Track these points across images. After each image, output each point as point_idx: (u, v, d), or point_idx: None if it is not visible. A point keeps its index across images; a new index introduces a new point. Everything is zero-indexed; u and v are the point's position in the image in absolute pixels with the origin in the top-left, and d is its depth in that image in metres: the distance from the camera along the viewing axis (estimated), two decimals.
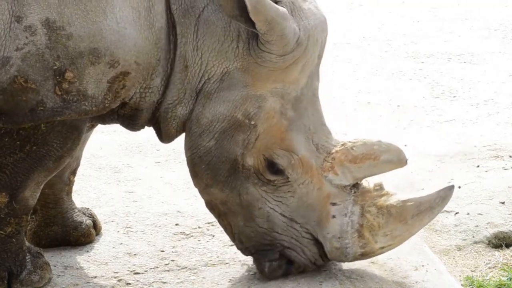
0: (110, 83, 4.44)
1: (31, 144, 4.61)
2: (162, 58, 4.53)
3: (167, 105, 4.62)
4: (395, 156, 4.75)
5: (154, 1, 4.46)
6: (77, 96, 4.41)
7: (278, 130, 4.65)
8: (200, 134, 4.63)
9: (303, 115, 4.70)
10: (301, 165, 4.69)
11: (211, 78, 4.59)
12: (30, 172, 4.67)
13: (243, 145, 4.63)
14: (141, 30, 4.43)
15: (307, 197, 4.72)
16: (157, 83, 4.57)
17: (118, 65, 4.40)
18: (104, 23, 4.34)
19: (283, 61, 4.55)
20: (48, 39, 4.30)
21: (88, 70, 4.37)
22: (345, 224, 4.71)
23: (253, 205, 4.72)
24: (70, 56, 4.33)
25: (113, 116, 4.71)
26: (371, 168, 4.74)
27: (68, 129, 4.62)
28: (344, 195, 4.73)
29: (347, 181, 4.73)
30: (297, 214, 4.73)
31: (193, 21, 4.53)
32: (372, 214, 4.72)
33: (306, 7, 4.64)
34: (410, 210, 4.74)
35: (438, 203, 4.80)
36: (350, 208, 4.72)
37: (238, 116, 4.59)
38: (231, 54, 4.56)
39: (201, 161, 4.66)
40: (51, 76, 4.34)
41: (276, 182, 4.70)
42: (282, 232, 4.76)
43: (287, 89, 4.63)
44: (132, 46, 4.40)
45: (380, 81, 8.88)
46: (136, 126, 4.76)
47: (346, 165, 4.71)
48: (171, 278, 5.16)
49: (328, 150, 4.73)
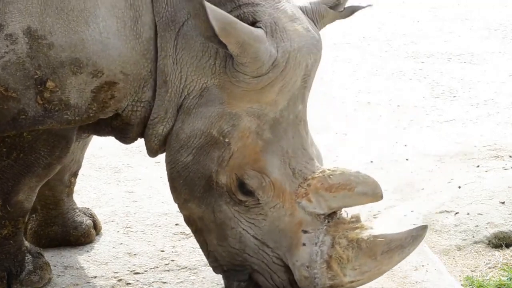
0: (94, 93, 4.40)
1: (17, 152, 4.60)
2: (154, 70, 4.48)
3: (150, 121, 4.55)
4: (370, 189, 4.60)
5: (141, 12, 4.40)
6: (59, 105, 4.37)
7: (253, 150, 4.53)
8: (179, 149, 4.55)
9: (281, 137, 4.56)
10: (272, 188, 4.55)
11: (191, 94, 4.51)
12: (20, 177, 4.67)
13: (218, 162, 4.53)
14: (126, 41, 4.37)
15: (279, 222, 4.58)
16: (149, 96, 4.51)
17: (102, 75, 4.36)
18: (86, 33, 4.30)
19: (257, 82, 4.43)
20: (29, 48, 4.26)
21: (70, 80, 4.33)
22: (314, 253, 4.55)
23: (226, 224, 4.61)
24: (51, 66, 4.30)
25: (107, 129, 4.68)
26: (345, 198, 4.58)
27: (55, 138, 4.60)
28: (317, 224, 4.58)
29: (321, 210, 4.58)
30: (269, 238, 4.60)
31: (173, 35, 4.45)
32: (342, 246, 4.56)
33: (291, 28, 4.49)
34: (380, 246, 4.57)
35: (409, 242, 4.62)
36: (321, 238, 4.57)
37: (213, 133, 4.50)
38: (208, 71, 4.47)
39: (179, 176, 4.58)
40: (32, 85, 4.31)
41: (247, 203, 4.58)
42: (253, 254, 4.63)
43: (264, 110, 4.51)
44: (116, 56, 4.35)
45: (380, 81, 8.88)
46: (127, 140, 4.72)
47: (321, 193, 4.56)
48: (171, 278, 5.16)
49: (304, 175, 4.59)
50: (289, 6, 4.57)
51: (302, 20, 4.56)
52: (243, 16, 4.43)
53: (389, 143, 7.27)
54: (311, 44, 4.52)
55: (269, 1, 4.50)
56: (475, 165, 6.73)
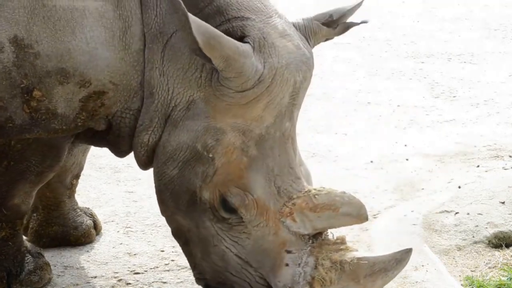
0: (83, 102, 4.37)
1: (8, 160, 4.60)
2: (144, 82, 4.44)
3: (136, 130, 4.51)
4: (355, 211, 4.47)
5: (131, 23, 4.35)
6: (46, 114, 4.35)
7: (237, 167, 4.43)
8: (165, 161, 4.48)
9: (267, 155, 4.46)
10: (256, 206, 4.44)
11: (178, 106, 4.43)
12: (13, 184, 4.66)
13: (202, 178, 4.43)
14: (115, 51, 4.32)
15: (262, 241, 4.47)
16: (138, 106, 4.47)
17: (90, 85, 4.33)
18: (72, 43, 4.26)
19: (242, 97, 4.35)
20: (15, 57, 4.24)
21: (56, 90, 4.30)
22: (297, 274, 4.44)
23: (209, 240, 4.52)
24: (38, 75, 4.27)
25: (103, 142, 4.65)
26: (330, 219, 4.47)
27: (45, 147, 4.59)
28: (301, 244, 4.47)
29: (305, 230, 4.47)
30: (252, 257, 4.49)
31: (160, 46, 4.39)
32: (325, 268, 4.45)
33: (281, 44, 4.40)
34: (363, 269, 4.45)
35: (392, 265, 4.49)
36: (304, 259, 4.46)
37: (198, 147, 4.41)
38: (194, 83, 4.40)
39: (166, 189, 4.51)
40: (18, 94, 4.28)
41: (230, 220, 4.47)
42: (235, 273, 4.53)
43: (249, 126, 4.41)
44: (104, 66, 4.31)
45: (380, 81, 8.88)
46: (121, 153, 4.69)
47: (306, 213, 4.46)
48: (171, 278, 5.16)
49: (290, 194, 4.47)
50: (280, 22, 4.48)
51: (292, 37, 4.48)
52: (232, 30, 4.36)
53: (389, 143, 7.27)
54: (300, 61, 4.43)
55: (260, 16, 4.42)
56: (475, 165, 6.73)
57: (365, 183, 6.48)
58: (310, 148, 7.09)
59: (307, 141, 7.22)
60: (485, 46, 9.98)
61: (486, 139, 7.25)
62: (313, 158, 6.90)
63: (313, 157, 6.92)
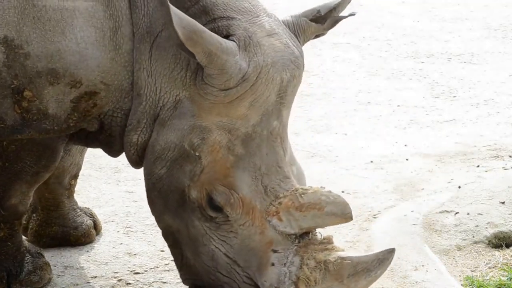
0: (74, 103, 4.36)
1: (3, 161, 4.60)
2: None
3: (126, 129, 4.50)
4: (339, 210, 4.45)
5: (121, 23, 4.35)
6: (37, 115, 4.34)
7: (223, 166, 4.42)
8: (154, 161, 4.47)
9: (254, 153, 4.44)
10: (241, 205, 4.43)
11: (165, 105, 4.43)
12: (9, 184, 4.66)
13: (190, 177, 4.43)
14: (106, 51, 4.32)
15: (249, 240, 4.45)
16: (129, 106, 4.46)
17: (81, 85, 4.32)
18: (62, 43, 4.26)
19: (225, 95, 4.34)
20: (6, 57, 4.23)
21: (47, 90, 4.30)
22: (282, 274, 4.43)
23: (198, 240, 4.50)
24: (28, 75, 4.26)
25: (96, 142, 4.65)
26: (315, 218, 4.45)
27: (40, 148, 4.59)
28: (287, 244, 4.45)
29: (291, 229, 4.45)
30: (239, 256, 4.47)
31: (147, 46, 4.39)
32: (310, 268, 4.43)
33: (267, 43, 4.39)
34: (347, 269, 4.43)
35: (375, 265, 4.47)
36: (290, 258, 4.44)
37: (185, 146, 4.41)
38: (179, 83, 4.40)
39: (154, 188, 4.51)
40: (9, 94, 4.28)
41: (217, 219, 4.46)
42: (225, 273, 4.52)
43: (234, 124, 4.40)
44: (95, 66, 4.31)
45: (380, 81, 8.88)
46: (114, 153, 4.68)
47: (292, 212, 4.44)
48: (171, 278, 5.16)
49: (277, 193, 4.46)
50: (268, 21, 4.47)
51: (281, 35, 4.46)
52: (217, 30, 4.35)
53: (389, 143, 7.27)
54: (287, 60, 4.41)
55: (246, 16, 4.42)
56: (475, 165, 6.73)
57: (365, 183, 6.47)
58: (310, 148, 7.09)
59: (307, 141, 7.22)
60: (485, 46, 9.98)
61: (486, 139, 7.25)
62: (313, 158, 6.91)
63: (313, 157, 6.92)
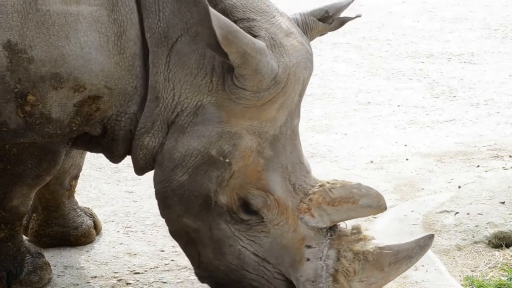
0: (77, 107, 4.36)
1: (5, 163, 4.60)
2: (140, 86, 4.41)
3: (136, 132, 4.48)
4: (375, 202, 4.56)
5: (126, 27, 4.33)
6: (41, 119, 4.34)
7: (254, 170, 4.45)
8: (173, 168, 4.45)
9: (280, 154, 4.49)
10: (277, 206, 4.48)
11: (184, 111, 4.41)
12: (10, 186, 4.66)
13: (217, 182, 4.44)
14: (109, 56, 4.30)
15: (282, 238, 4.51)
16: (134, 110, 4.45)
17: (84, 89, 4.31)
18: (66, 48, 4.25)
19: (258, 99, 4.35)
20: (9, 62, 4.22)
21: (50, 94, 4.29)
22: (319, 268, 4.50)
23: (223, 241, 4.53)
24: (32, 80, 4.25)
25: (98, 147, 4.63)
26: (349, 211, 4.53)
27: (41, 151, 4.58)
28: (320, 238, 4.53)
29: (323, 224, 4.52)
30: (270, 254, 4.52)
31: (165, 51, 4.37)
32: (348, 260, 4.52)
33: (288, 43, 4.42)
34: (387, 258, 4.53)
35: (416, 252, 4.59)
36: (325, 252, 4.52)
37: (212, 153, 4.40)
38: (204, 88, 4.37)
39: (174, 194, 4.50)
40: (12, 98, 4.27)
41: (250, 221, 4.50)
42: (252, 271, 4.55)
43: (264, 127, 4.43)
44: (99, 71, 4.30)
45: (380, 81, 8.88)
46: (115, 158, 4.65)
47: (324, 207, 4.51)
48: (171, 278, 5.16)
49: (305, 190, 4.53)
50: (283, 21, 4.50)
51: (296, 35, 4.49)
52: None
53: (389, 143, 7.27)
54: (306, 59, 4.48)
55: (264, 17, 4.44)
56: (475, 165, 6.73)
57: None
58: (310, 148, 7.09)
59: (307, 141, 7.22)
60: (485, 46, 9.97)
61: (486, 139, 7.25)
62: (313, 158, 6.90)
63: (313, 157, 6.92)
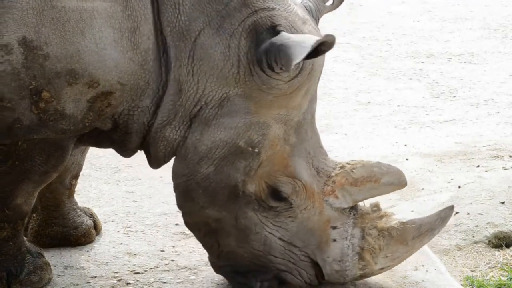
0: (90, 103, 4.38)
1: (13, 159, 4.58)
2: (152, 80, 4.44)
3: (157, 125, 4.51)
4: (396, 179, 4.72)
5: (140, 22, 4.36)
6: (54, 115, 4.35)
7: (281, 157, 4.57)
8: (198, 161, 4.52)
9: (304, 139, 4.62)
10: (305, 190, 4.62)
11: (209, 104, 4.47)
12: (17, 183, 4.65)
13: (244, 172, 4.54)
14: (123, 51, 4.33)
15: (308, 222, 4.65)
16: (147, 103, 4.48)
17: (98, 85, 4.33)
18: (82, 44, 4.26)
19: (288, 87, 4.45)
20: (24, 59, 4.22)
21: (65, 90, 4.30)
22: (345, 247, 4.67)
23: (250, 229, 4.64)
24: (47, 76, 4.26)
25: (107, 142, 4.67)
26: (371, 190, 4.69)
27: (51, 147, 4.58)
28: (344, 218, 4.69)
29: (346, 204, 4.68)
30: (296, 238, 4.67)
31: (188, 44, 4.41)
32: (373, 237, 4.68)
33: (306, 30, 4.52)
34: (411, 232, 4.72)
35: (438, 224, 4.81)
36: (350, 231, 4.68)
37: (240, 144, 4.49)
38: (231, 80, 4.44)
39: (199, 187, 4.57)
40: (27, 95, 4.28)
41: (278, 208, 4.63)
42: (279, 255, 4.69)
43: (290, 115, 4.54)
44: (113, 67, 4.32)
45: (380, 81, 8.88)
46: (127, 152, 4.69)
47: (347, 188, 4.67)
48: (171, 278, 5.16)
49: (327, 173, 4.68)
50: (298, 9, 4.58)
51: (310, 21, 4.59)
52: (261, 21, 4.43)
53: (389, 143, 7.27)
54: None
55: (281, 5, 4.51)
56: (475, 165, 6.73)
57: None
58: None
59: None
60: (485, 46, 9.97)
61: (486, 139, 7.25)
62: None
63: None
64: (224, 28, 4.42)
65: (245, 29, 4.43)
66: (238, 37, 4.43)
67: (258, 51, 4.40)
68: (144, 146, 4.67)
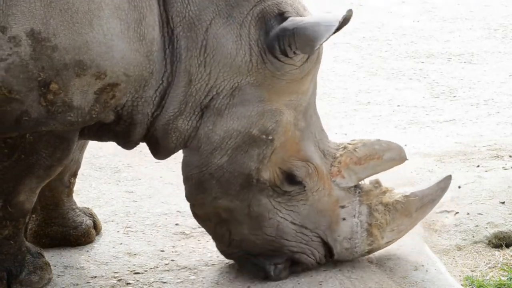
0: (97, 94, 4.39)
1: (19, 153, 4.58)
2: (156, 71, 4.46)
3: (168, 117, 4.55)
4: (397, 154, 4.89)
5: (145, 13, 4.39)
6: (62, 107, 4.36)
7: (293, 142, 4.67)
8: (212, 151, 4.58)
9: (310, 123, 4.74)
10: (317, 173, 4.75)
11: (220, 94, 4.52)
12: (20, 178, 4.65)
13: (258, 160, 4.62)
14: (130, 42, 4.36)
15: (318, 203, 4.77)
16: (150, 94, 4.51)
17: (105, 76, 4.35)
18: (90, 35, 4.28)
19: (300, 72, 4.55)
20: (32, 50, 4.23)
21: (73, 82, 4.32)
22: (354, 225, 4.81)
23: (263, 215, 4.73)
24: (55, 68, 4.27)
25: (109, 134, 4.67)
26: (375, 167, 4.85)
27: (57, 140, 4.58)
28: (351, 197, 4.82)
29: (352, 183, 4.82)
30: (308, 220, 4.78)
31: (200, 35, 4.46)
32: (380, 212, 4.82)
33: (308, 15, 4.61)
34: (414, 204, 4.89)
35: (438, 194, 5.00)
36: (357, 209, 4.82)
37: (253, 132, 4.56)
38: (244, 69, 4.50)
39: (212, 177, 4.63)
40: (35, 87, 4.29)
41: (292, 192, 4.74)
42: (291, 239, 4.79)
43: (299, 100, 4.63)
44: (120, 58, 4.34)
45: (380, 81, 8.88)
46: (130, 143, 4.70)
47: (351, 167, 4.80)
48: (171, 278, 5.16)
49: (332, 154, 4.81)
50: None
51: (308, 9, 4.68)
52: (268, 9, 4.50)
53: None
54: None
55: None
56: (475, 165, 6.73)
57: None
58: None
59: None
60: (485, 46, 9.97)
61: (486, 139, 7.25)
62: None
63: None
64: (234, 17, 4.48)
65: (254, 18, 4.50)
66: (248, 25, 4.50)
67: (269, 38, 4.48)
68: (147, 137, 4.68)
